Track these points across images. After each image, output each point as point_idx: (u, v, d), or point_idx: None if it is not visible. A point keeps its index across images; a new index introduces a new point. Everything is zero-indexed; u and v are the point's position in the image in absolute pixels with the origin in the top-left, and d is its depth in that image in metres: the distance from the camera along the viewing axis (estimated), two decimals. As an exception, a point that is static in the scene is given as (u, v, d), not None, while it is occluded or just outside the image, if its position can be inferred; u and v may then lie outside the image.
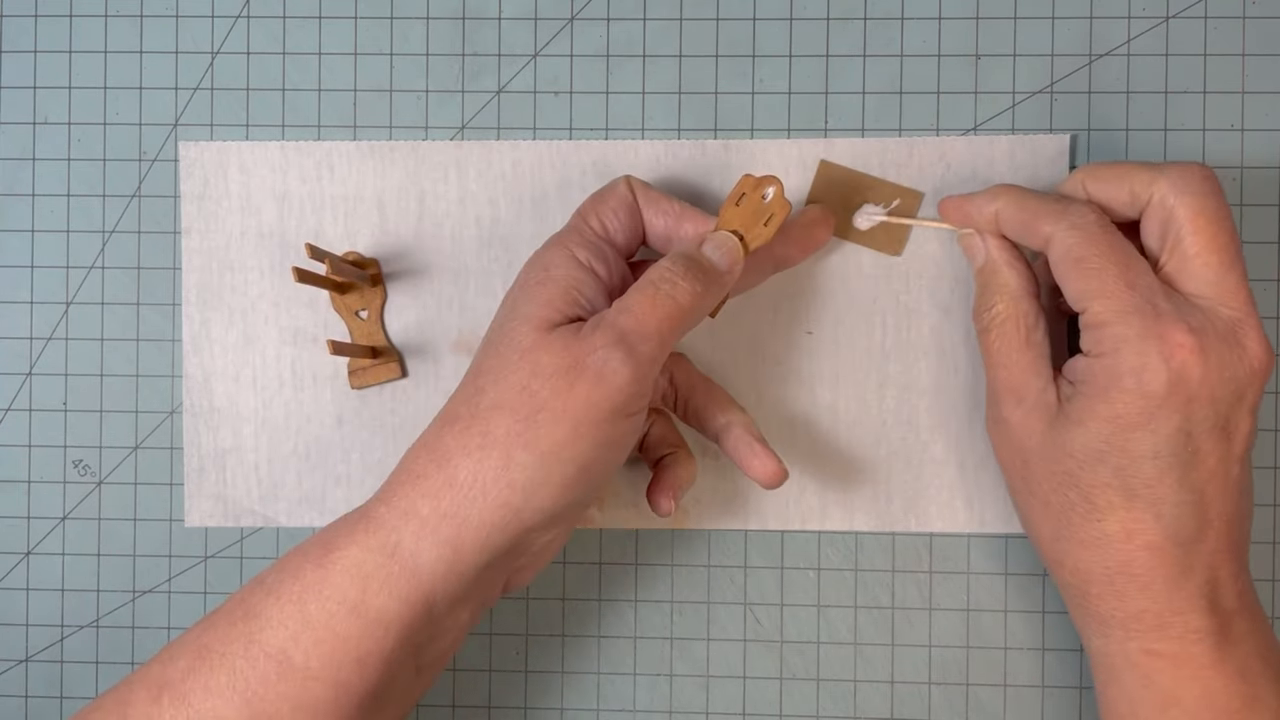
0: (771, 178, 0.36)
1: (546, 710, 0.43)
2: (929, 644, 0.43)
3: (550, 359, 0.32)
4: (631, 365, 0.32)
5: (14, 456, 0.44)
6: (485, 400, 0.33)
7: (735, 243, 0.36)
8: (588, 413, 0.32)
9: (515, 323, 0.34)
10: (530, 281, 0.35)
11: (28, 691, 0.44)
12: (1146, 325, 0.32)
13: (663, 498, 0.38)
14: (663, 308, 0.33)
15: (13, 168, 0.44)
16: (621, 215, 0.37)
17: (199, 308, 0.43)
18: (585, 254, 0.35)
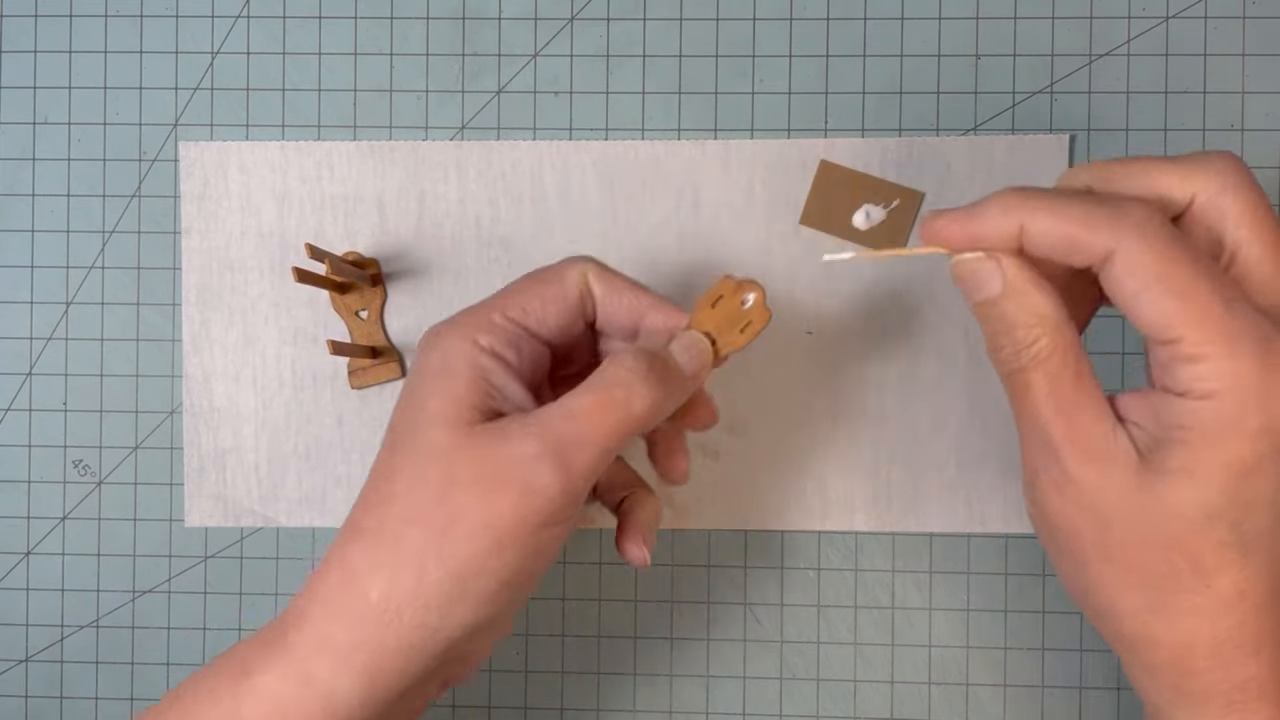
0: (753, 283, 0.33)
1: (546, 710, 0.43)
2: (929, 644, 0.43)
3: (469, 468, 0.29)
4: (563, 479, 0.29)
5: (14, 456, 0.44)
6: (395, 510, 0.30)
7: (706, 346, 0.32)
8: (511, 527, 0.29)
9: (424, 422, 0.30)
10: (429, 373, 0.31)
11: (28, 691, 0.44)
12: (1259, 355, 0.26)
13: (634, 546, 0.34)
14: (613, 415, 0.29)
15: (13, 168, 0.44)
16: (552, 309, 0.32)
17: (199, 308, 0.43)
18: (489, 340, 0.31)
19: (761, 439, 0.42)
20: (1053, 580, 0.42)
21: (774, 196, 0.42)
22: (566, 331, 0.33)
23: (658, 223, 0.43)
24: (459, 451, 0.29)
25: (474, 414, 0.30)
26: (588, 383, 0.30)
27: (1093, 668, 0.42)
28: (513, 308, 0.32)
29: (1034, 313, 0.29)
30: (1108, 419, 0.29)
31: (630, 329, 0.33)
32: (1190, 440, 0.27)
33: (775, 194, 0.42)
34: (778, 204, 0.42)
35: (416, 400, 0.31)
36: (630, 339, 0.34)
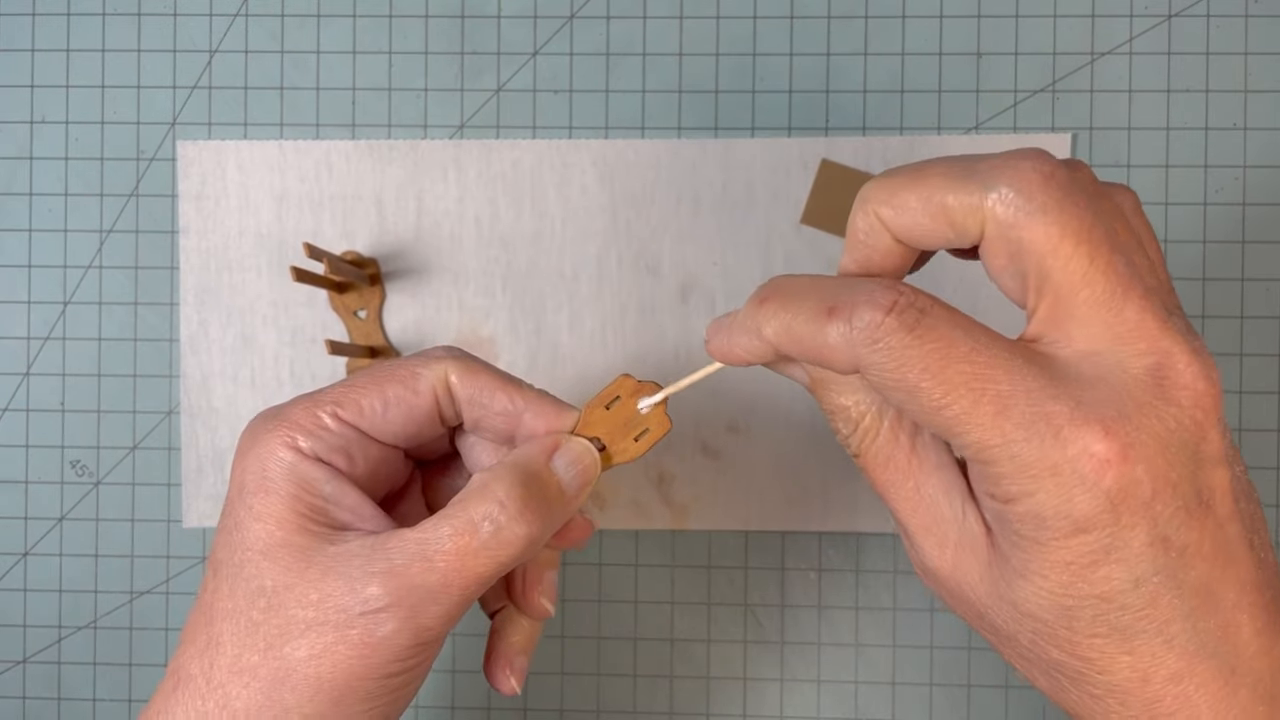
0: (653, 385, 0.29)
1: (546, 711, 0.43)
2: (930, 645, 0.42)
3: (301, 612, 0.25)
4: (412, 630, 0.25)
5: (11, 457, 0.44)
6: (221, 660, 0.26)
7: (594, 458, 0.28)
8: (351, 683, 0.26)
9: (247, 553, 0.26)
10: (246, 488, 0.27)
11: (25, 693, 0.44)
12: (1045, 453, 0.22)
13: (500, 673, 0.30)
14: (479, 561, 0.25)
15: (10, 167, 0.44)
16: (394, 414, 0.28)
17: (197, 307, 0.43)
18: (311, 444, 0.27)
19: (761, 439, 0.42)
20: None
21: (774, 196, 0.42)
22: (416, 436, 0.29)
23: (658, 223, 0.42)
24: (289, 591, 0.26)
25: (304, 536, 0.26)
26: (449, 515, 0.26)
27: (1094, 669, 0.42)
28: (348, 407, 0.28)
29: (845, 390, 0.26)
30: (956, 498, 0.26)
31: (505, 434, 0.29)
32: (1018, 542, 0.24)
33: (775, 194, 0.42)
34: (778, 204, 0.42)
35: (236, 523, 0.27)
36: (506, 443, 0.30)
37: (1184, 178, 0.42)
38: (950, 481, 0.26)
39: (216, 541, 0.27)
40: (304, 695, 0.26)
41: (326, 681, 0.25)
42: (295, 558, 0.26)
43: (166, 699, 0.27)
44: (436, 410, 0.28)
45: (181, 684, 0.27)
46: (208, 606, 0.27)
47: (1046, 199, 0.23)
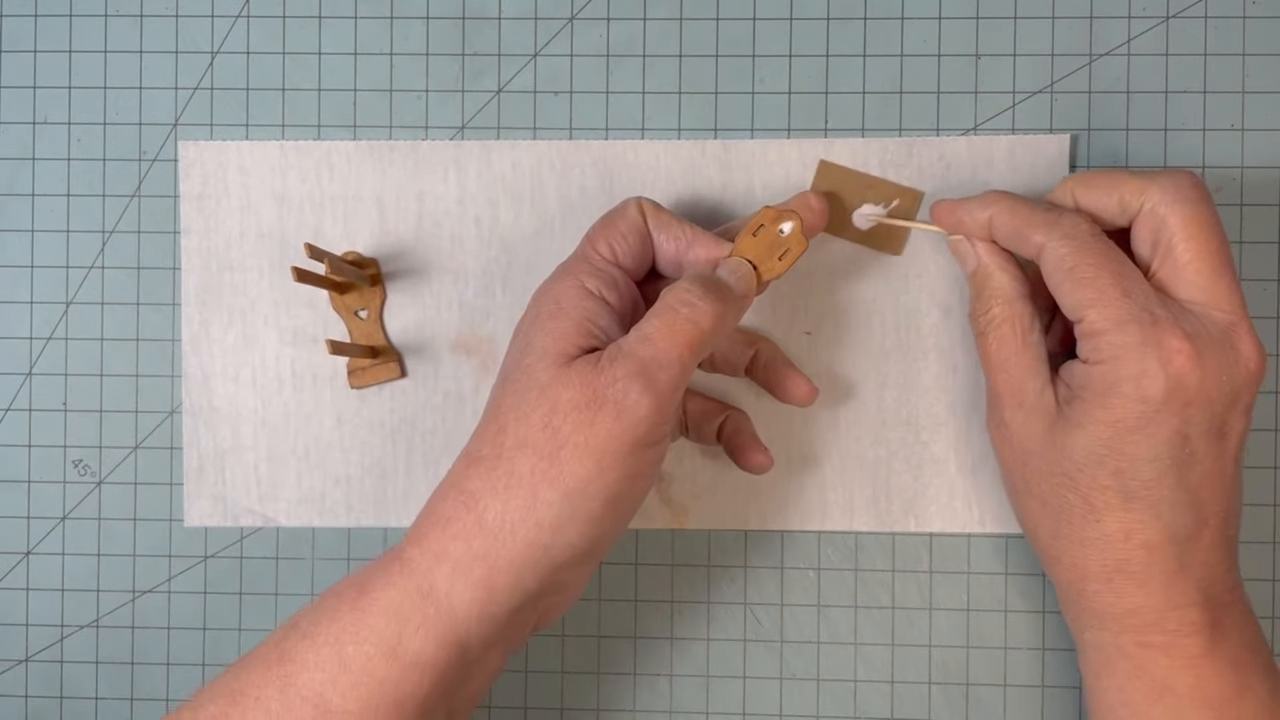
0: (792, 212, 0.37)
1: (546, 710, 0.43)
2: (929, 644, 0.43)
3: (570, 394, 0.32)
4: (652, 395, 0.32)
5: (14, 456, 0.44)
6: (508, 439, 0.33)
7: (749, 269, 0.36)
8: (610, 446, 0.32)
9: (532, 359, 0.33)
10: (542, 315, 0.34)
11: (28, 691, 0.44)
12: (1144, 332, 0.32)
13: (754, 454, 0.40)
14: (683, 333, 0.33)
15: (12, 167, 0.44)
16: (631, 240, 0.36)
17: (198, 308, 0.43)
18: (595, 283, 0.35)
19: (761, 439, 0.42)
20: (1049, 576, 0.42)
21: (774, 197, 0.42)
22: (645, 261, 0.37)
23: (658, 222, 0.42)
24: (559, 382, 0.32)
25: (575, 350, 0.33)
26: (654, 309, 0.34)
27: (1093, 668, 0.42)
28: (602, 247, 0.36)
29: (994, 287, 0.37)
30: (1040, 378, 0.36)
31: (677, 261, 0.37)
32: (1085, 398, 0.34)
33: (775, 194, 0.42)
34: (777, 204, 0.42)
35: (528, 338, 0.34)
36: (679, 274, 0.37)
37: (1182, 178, 0.42)
38: (1039, 368, 0.36)
39: (506, 359, 0.35)
40: (574, 459, 0.32)
41: (591, 446, 0.32)
42: (565, 363, 0.33)
43: (459, 475, 0.33)
44: (649, 235, 0.37)
45: (474, 463, 0.33)
46: (495, 404, 0.34)
47: (1188, 195, 0.34)
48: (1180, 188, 0.34)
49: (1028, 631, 0.42)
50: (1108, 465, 0.33)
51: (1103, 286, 0.33)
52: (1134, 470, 0.33)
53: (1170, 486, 0.33)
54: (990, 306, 0.37)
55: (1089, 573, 0.35)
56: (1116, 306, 0.33)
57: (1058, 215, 0.35)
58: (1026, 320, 0.36)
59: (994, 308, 0.37)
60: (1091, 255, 0.34)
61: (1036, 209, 0.35)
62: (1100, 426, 0.33)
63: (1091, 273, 0.33)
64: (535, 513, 0.32)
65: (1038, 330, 0.36)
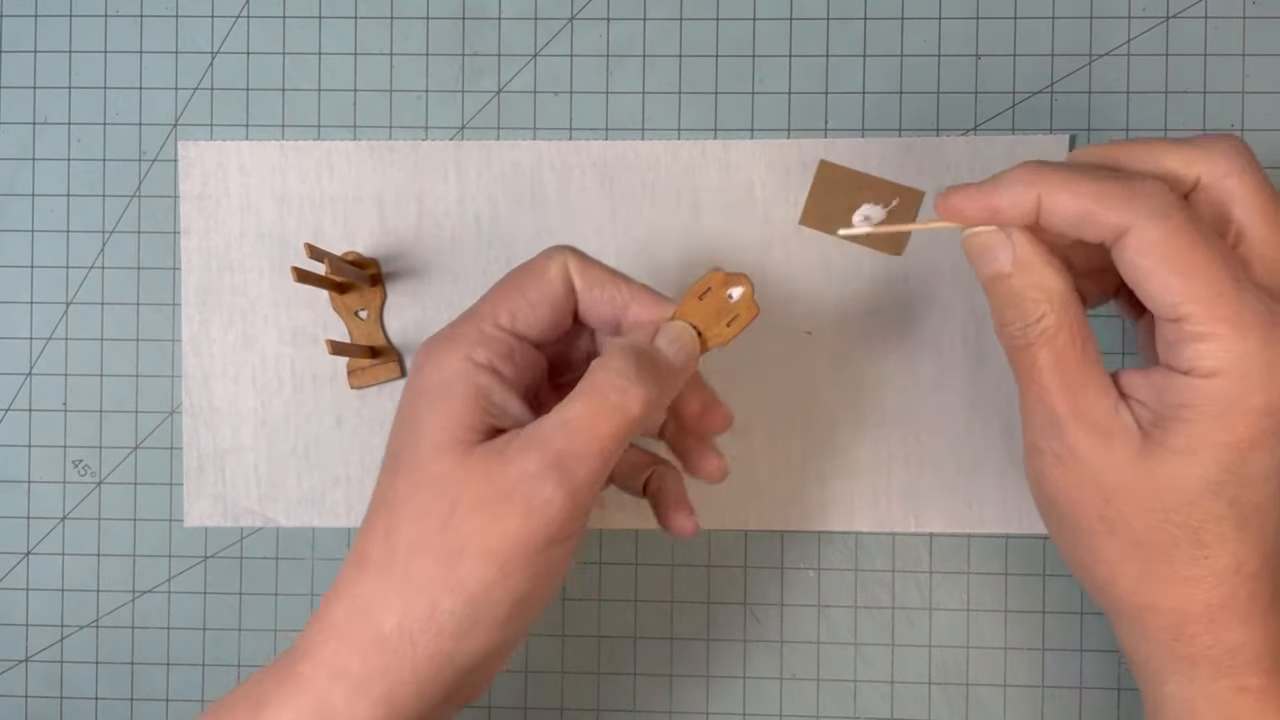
0: (742, 276, 0.33)
1: (546, 710, 0.43)
2: (929, 644, 0.43)
3: (471, 491, 0.29)
4: (566, 493, 0.28)
5: (14, 456, 0.44)
6: (401, 540, 0.29)
7: (692, 336, 0.32)
8: (517, 549, 0.28)
9: (423, 447, 0.30)
10: (427, 393, 0.30)
11: (28, 691, 0.44)
12: (1264, 334, 0.27)
13: (679, 517, 0.35)
14: (609, 421, 0.29)
15: (13, 168, 0.44)
16: (540, 310, 0.31)
17: (198, 308, 0.43)
18: (485, 354, 0.30)
19: (761, 439, 0.42)
20: (1053, 580, 0.42)
21: (774, 196, 0.42)
22: (556, 329, 0.32)
23: (658, 223, 0.43)
24: (460, 476, 0.29)
25: (473, 434, 0.30)
26: (578, 389, 0.29)
27: (1093, 668, 0.42)
28: (502, 314, 0.31)
29: (1042, 288, 0.29)
30: (1111, 395, 0.29)
31: (613, 321, 0.33)
32: (1194, 418, 0.28)
33: (775, 194, 0.42)
34: (778, 204, 0.42)
35: (414, 422, 0.30)
36: (614, 332, 0.33)
37: (1182, 178, 0.42)
38: (1107, 384, 0.29)
39: (392, 443, 0.31)
40: (477, 564, 0.28)
41: (495, 550, 0.28)
42: (465, 449, 0.29)
43: (351, 580, 0.30)
44: (567, 300, 0.32)
45: (364, 567, 0.30)
46: (385, 497, 0.30)
47: (1252, 163, 0.28)
48: (1241, 154, 0.28)
49: (1028, 632, 0.42)
50: (1225, 493, 0.28)
51: (1213, 279, 0.27)
52: (1250, 494, 0.28)
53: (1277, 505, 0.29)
54: (1043, 313, 0.29)
55: (1190, 614, 0.29)
56: (1229, 304, 0.27)
57: (1134, 186, 0.28)
58: (1085, 327, 0.30)
59: (1047, 314, 0.29)
60: (1191, 238, 0.27)
61: (1103, 180, 0.28)
62: (1219, 450, 0.28)
63: (1200, 261, 0.27)
64: (436, 622, 0.29)
65: (1094, 339, 0.30)
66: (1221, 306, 0.27)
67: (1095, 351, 0.30)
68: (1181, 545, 0.29)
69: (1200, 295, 0.27)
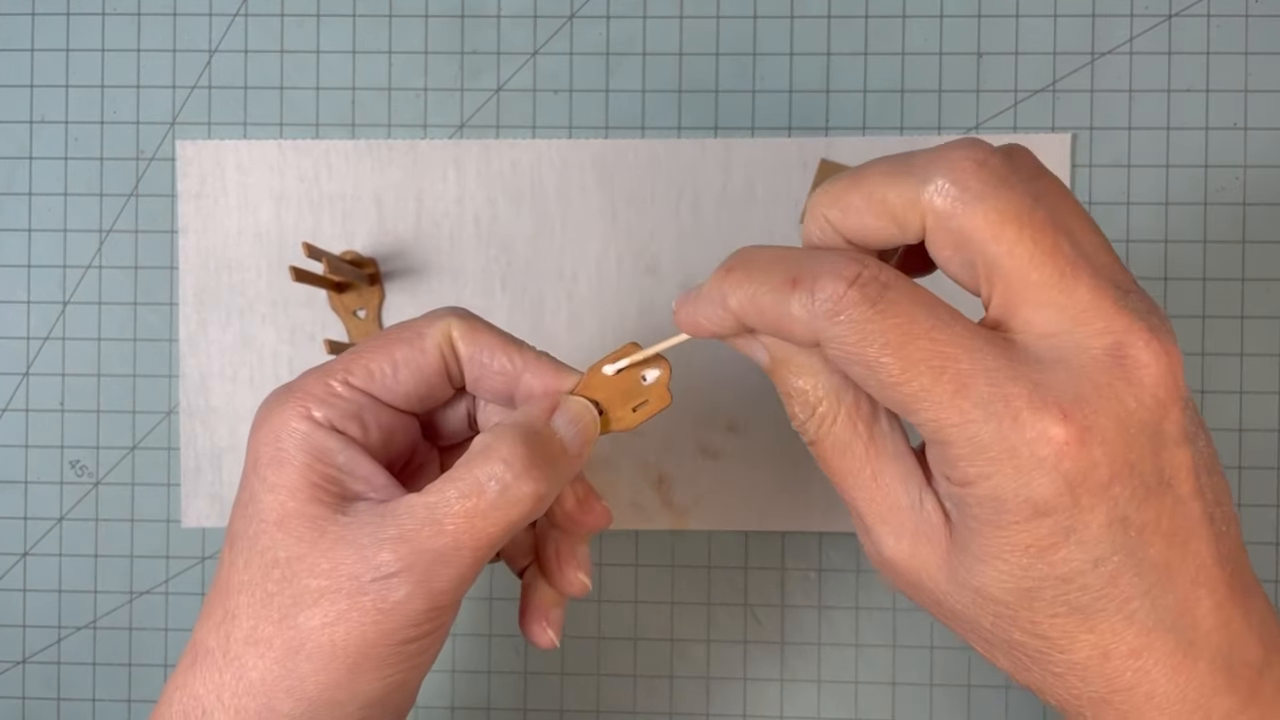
0: (661, 359, 0.29)
1: (546, 711, 0.43)
2: (930, 645, 0.42)
3: (314, 581, 0.25)
4: (425, 596, 0.25)
5: (11, 457, 0.44)
6: (237, 630, 0.26)
7: (593, 417, 0.28)
8: (364, 650, 0.25)
9: (261, 525, 0.26)
10: (261, 460, 0.27)
11: (25, 693, 0.44)
12: (1004, 435, 0.22)
13: (536, 627, 0.31)
14: (487, 521, 0.25)
15: (9, 166, 0.44)
16: (404, 375, 0.28)
17: (196, 307, 0.43)
18: (325, 413, 0.27)
19: (761, 439, 0.42)
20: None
21: (774, 196, 0.42)
22: (428, 399, 0.29)
23: (658, 223, 0.42)
24: (301, 562, 0.26)
25: (316, 506, 0.26)
26: (453, 476, 0.26)
27: (1095, 669, 0.42)
28: (357, 372, 0.28)
29: (806, 373, 0.26)
30: (914, 487, 0.25)
31: (504, 394, 0.29)
32: (976, 527, 0.24)
33: (775, 194, 0.42)
34: (778, 204, 0.42)
35: (251, 495, 0.27)
36: (506, 404, 0.30)
37: (1184, 178, 0.42)
38: (908, 470, 0.25)
39: (233, 515, 0.28)
40: (319, 663, 0.26)
41: (340, 649, 0.25)
42: (308, 528, 0.26)
43: (186, 673, 0.27)
44: (444, 369, 0.28)
45: (199, 658, 0.27)
46: (224, 580, 0.27)
47: (982, 186, 0.23)
48: (963, 175, 0.23)
49: (1029, 632, 0.42)
50: (1044, 594, 0.24)
51: (921, 386, 0.22)
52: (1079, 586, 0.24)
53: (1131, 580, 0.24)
54: (811, 405, 0.26)
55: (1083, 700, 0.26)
56: (949, 408, 0.22)
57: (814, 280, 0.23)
58: (865, 407, 0.26)
59: (819, 404, 0.26)
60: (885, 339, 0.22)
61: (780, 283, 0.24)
62: (1011, 557, 0.24)
63: (898, 369, 0.22)
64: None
65: (885, 416, 0.26)
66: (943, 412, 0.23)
67: (889, 434, 0.26)
68: (1028, 645, 0.25)
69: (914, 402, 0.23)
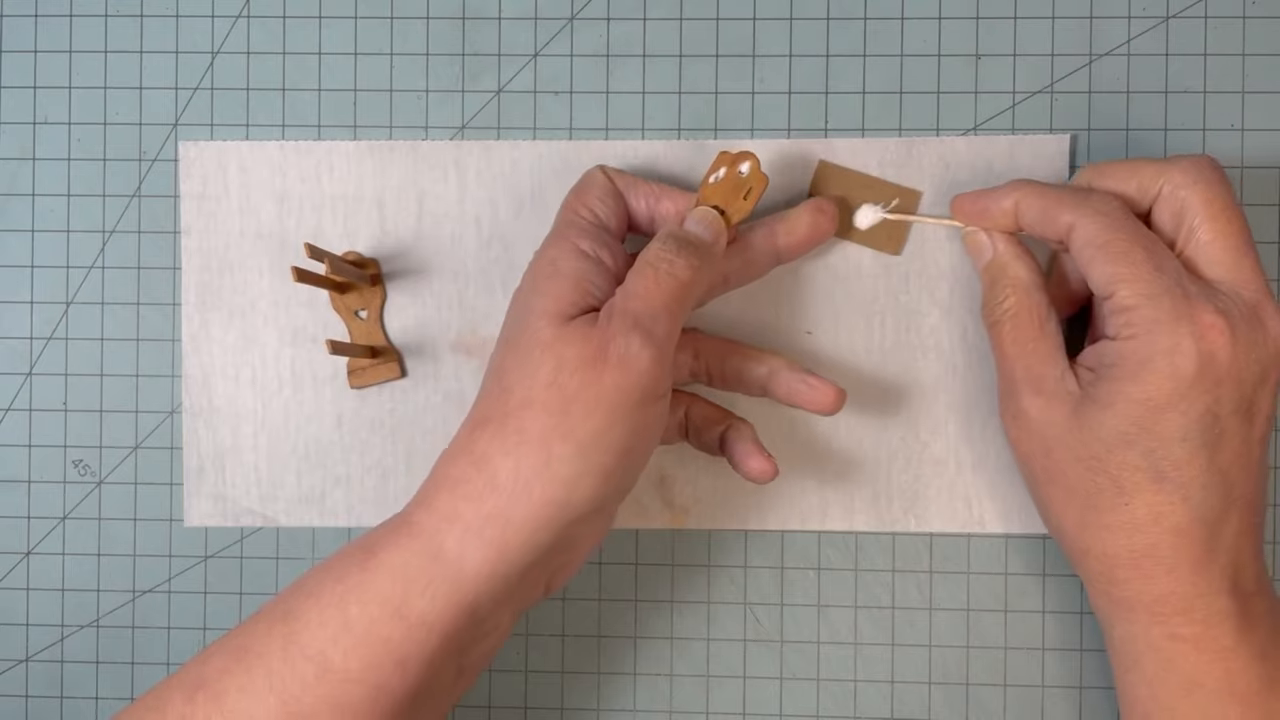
0: (747, 153, 0.37)
1: (546, 710, 0.43)
2: (929, 644, 0.43)
3: (574, 351, 0.32)
4: (651, 347, 0.32)
5: (14, 456, 0.44)
6: (514, 399, 0.33)
7: (715, 216, 0.36)
8: (619, 399, 0.32)
9: (532, 318, 0.34)
10: (539, 278, 0.35)
11: (28, 691, 0.44)
12: (1177, 307, 0.32)
13: (755, 460, 0.38)
14: (665, 286, 0.33)
15: (13, 167, 0.44)
16: (608, 201, 0.37)
17: (198, 308, 0.43)
18: (588, 244, 0.35)
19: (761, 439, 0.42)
20: (1053, 580, 0.42)
21: (774, 196, 0.42)
22: (623, 221, 0.38)
23: (658, 222, 0.42)
24: (563, 340, 0.33)
25: (574, 309, 0.34)
26: (634, 269, 0.34)
27: (1093, 668, 0.42)
28: (585, 212, 0.37)
29: (1011, 277, 0.37)
30: (1060, 364, 0.35)
31: (650, 218, 0.38)
32: (1114, 375, 0.33)
33: (775, 194, 0.42)
34: (778, 204, 0.42)
35: (526, 302, 0.34)
36: (652, 230, 0.38)
37: (1182, 178, 0.42)
38: (1057, 354, 0.36)
39: (507, 319, 0.36)
40: (585, 414, 0.32)
41: (601, 400, 0.32)
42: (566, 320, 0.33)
43: (467, 438, 0.33)
44: (618, 193, 0.38)
45: (480, 424, 0.33)
46: (498, 367, 0.34)
47: (1207, 176, 0.34)
48: (1200, 169, 0.34)
49: (1028, 632, 0.42)
50: (1138, 445, 0.33)
51: (1135, 261, 0.33)
52: (1165, 450, 0.33)
53: (1200, 467, 0.33)
54: (1006, 296, 0.37)
55: (1118, 560, 0.34)
56: (1149, 281, 0.33)
57: (1086, 194, 0.35)
58: (1044, 309, 0.36)
59: (1010, 297, 0.37)
60: (1123, 230, 0.34)
61: (1064, 190, 0.36)
62: (1131, 404, 0.33)
63: (1124, 247, 0.33)
64: (550, 468, 0.32)
65: (1054, 320, 0.36)
66: (1142, 285, 0.33)
67: (1053, 329, 0.36)
68: (1105, 492, 0.34)
69: (1126, 275, 0.33)
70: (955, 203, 0.39)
